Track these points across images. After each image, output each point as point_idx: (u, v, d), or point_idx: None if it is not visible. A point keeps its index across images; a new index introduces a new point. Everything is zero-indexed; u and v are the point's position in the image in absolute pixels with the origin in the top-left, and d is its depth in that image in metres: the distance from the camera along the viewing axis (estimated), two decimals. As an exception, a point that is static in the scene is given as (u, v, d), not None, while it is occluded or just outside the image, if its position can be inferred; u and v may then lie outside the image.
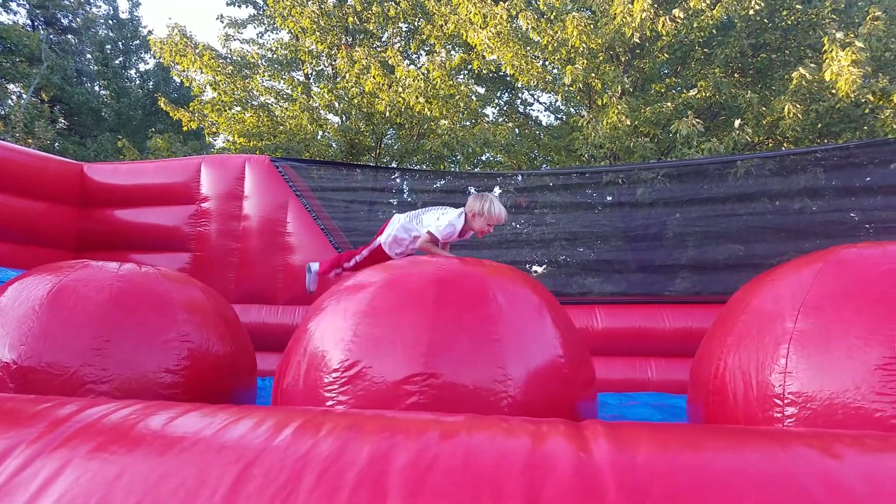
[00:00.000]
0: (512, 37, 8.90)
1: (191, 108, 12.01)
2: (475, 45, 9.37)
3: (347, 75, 10.24)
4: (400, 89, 9.54)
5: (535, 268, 7.67)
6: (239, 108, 11.70)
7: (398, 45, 12.05)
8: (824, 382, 2.33)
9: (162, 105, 11.97)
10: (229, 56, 12.98)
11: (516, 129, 11.95)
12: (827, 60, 7.45)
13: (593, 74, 8.72)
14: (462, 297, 2.85)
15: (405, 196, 7.23)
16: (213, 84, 11.62)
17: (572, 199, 6.76)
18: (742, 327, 2.78)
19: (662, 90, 9.68)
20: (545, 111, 12.54)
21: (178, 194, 6.11)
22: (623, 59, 9.11)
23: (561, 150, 10.43)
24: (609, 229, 6.78)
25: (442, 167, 11.38)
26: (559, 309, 3.30)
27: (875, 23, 7.70)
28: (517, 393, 2.74)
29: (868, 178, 5.97)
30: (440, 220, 3.52)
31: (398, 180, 7.50)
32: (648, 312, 5.50)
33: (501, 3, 9.18)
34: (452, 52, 11.31)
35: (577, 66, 8.29)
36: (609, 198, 7.04)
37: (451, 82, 9.67)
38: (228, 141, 12.22)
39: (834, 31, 7.58)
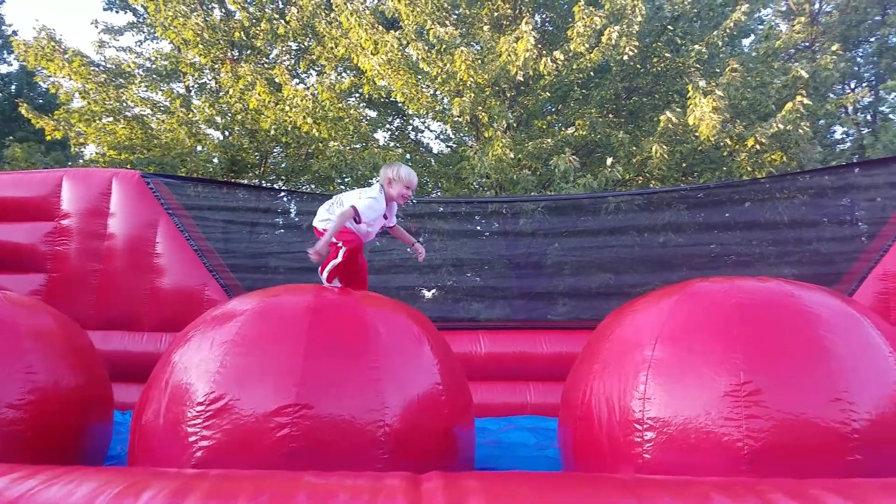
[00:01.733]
0: (403, 65, 9.02)
1: (56, 117, 11.10)
2: (366, 70, 9.41)
3: (231, 90, 9.90)
4: (287, 108, 9.35)
5: (423, 292, 7.68)
6: (110, 119, 10.95)
7: (287, 63, 11.84)
8: (679, 408, 2.48)
9: (23, 112, 10.98)
10: (103, 63, 12.18)
11: (407, 155, 12.06)
12: (691, 106, 8.14)
13: (480, 108, 9.01)
14: (339, 325, 2.82)
15: (293, 217, 7.02)
16: (83, 92, 10.82)
17: (460, 227, 6.87)
18: (607, 355, 2.92)
19: (544, 126, 10.17)
20: (436, 139, 12.75)
21: (35, 210, 5.59)
22: (508, 95, 9.49)
23: (451, 177, 10.63)
24: (494, 256, 6.94)
25: (332, 188, 11.21)
26: (438, 337, 3.31)
27: (733, 74, 8.53)
28: (394, 422, 2.70)
29: (726, 215, 6.51)
30: (362, 199, 3.49)
31: (285, 201, 7.28)
32: (528, 337, 5.66)
33: (392, 31, 9.30)
34: (343, 75, 11.27)
35: (464, 98, 8.52)
36: (496, 225, 7.22)
37: (340, 105, 9.62)
38: (97, 153, 11.39)
39: (697, 80, 8.32)
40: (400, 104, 10.13)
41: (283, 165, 11.49)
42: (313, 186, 11.50)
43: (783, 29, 20.22)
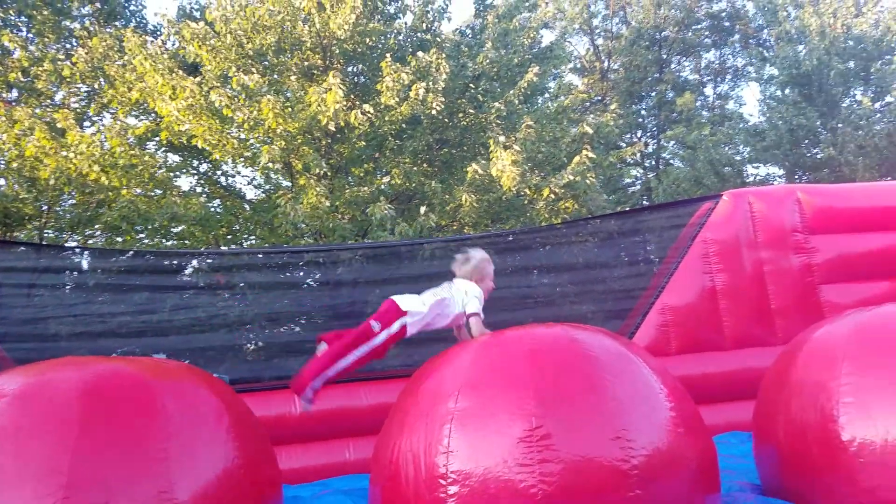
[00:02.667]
0: (205, 111, 8.65)
1: None
2: (164, 115, 8.87)
3: (6, 136, 8.77)
4: (72, 155, 8.47)
5: (231, 352, 7.20)
6: None
7: (76, 107, 10.78)
8: (480, 459, 2.53)
9: None
10: None
11: (216, 201, 11.47)
12: (493, 158, 8.74)
13: (293, 155, 8.89)
14: (119, 411, 2.50)
15: (86, 277, 6.23)
16: None
17: (274, 278, 6.58)
18: (414, 409, 2.93)
19: (362, 174, 10.30)
20: (248, 184, 12.28)
21: None
22: (323, 143, 9.48)
23: (265, 225, 10.27)
24: (312, 308, 6.75)
25: (129, 238, 10.24)
26: (238, 405, 3.09)
27: (528, 130, 9.33)
28: None
29: (530, 259, 6.95)
30: (474, 302, 3.48)
31: (72, 256, 6.49)
32: (347, 391, 5.50)
33: (192, 77, 8.90)
34: (140, 119, 10.51)
35: (274, 146, 8.36)
36: (316, 275, 7.04)
37: (133, 151, 8.93)
38: None
39: (498, 135, 8.98)
40: (204, 151, 9.67)
41: (69, 216, 10.32)
42: (104, 239, 10.45)
43: (577, 84, 22.74)
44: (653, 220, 6.59)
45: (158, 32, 11.70)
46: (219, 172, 12.02)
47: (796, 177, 15.32)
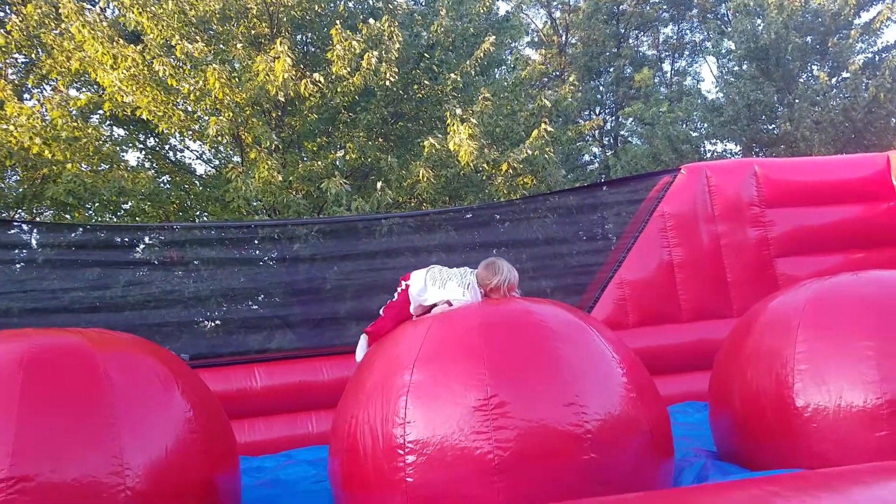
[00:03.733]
0: (149, 81, 8.31)
1: None
2: (106, 85, 8.48)
3: (-64, 109, 8.29)
4: (11, 128, 8.05)
5: (189, 328, 7.04)
6: None
7: (14, 78, 10.23)
8: (436, 428, 2.53)
9: None
10: None
11: (165, 177, 11.11)
12: (450, 133, 8.63)
13: (242, 128, 8.62)
14: (62, 378, 2.46)
15: (35, 253, 5.99)
16: None
17: (230, 254, 6.43)
18: (371, 382, 2.89)
19: (315, 149, 10.07)
20: (198, 159, 11.86)
21: None
22: (274, 115, 9.22)
23: (217, 201, 9.99)
24: (270, 283, 6.63)
25: (77, 215, 9.86)
26: (191, 378, 3.02)
27: (486, 103, 9.21)
28: (137, 483, 2.42)
29: (490, 235, 6.93)
30: (465, 296, 3.18)
31: (21, 232, 6.20)
32: (309, 366, 5.49)
33: (134, 46, 8.53)
34: (81, 91, 10.05)
35: (221, 118, 8.08)
36: (273, 252, 6.91)
37: (75, 123, 8.53)
38: None
39: (454, 107, 8.85)
40: (149, 122, 9.33)
41: (17, 191, 9.87)
42: (52, 214, 10.04)
43: (535, 58, 22.73)
44: (611, 196, 6.64)
45: (96, -1, 11.17)
46: (167, 147, 11.62)
47: (753, 152, 15.62)
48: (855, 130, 13.83)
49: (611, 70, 22.39)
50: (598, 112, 23.28)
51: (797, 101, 14.29)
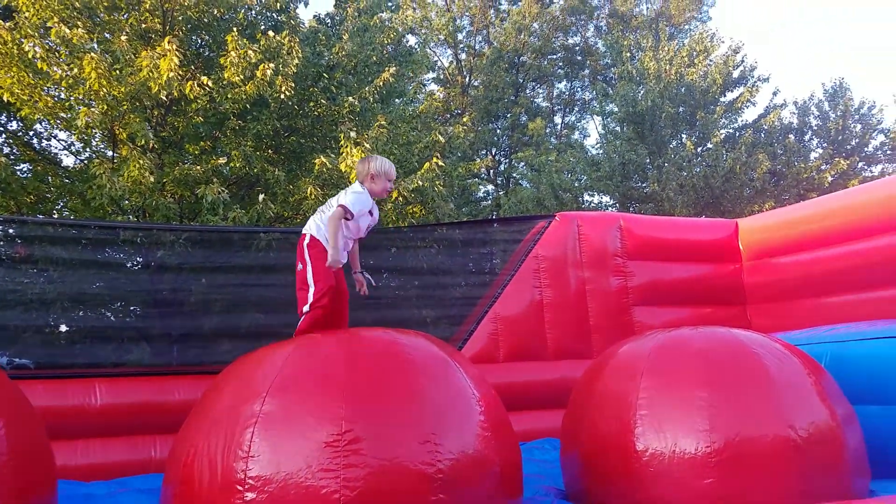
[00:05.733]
0: (17, 61, 7.58)
1: None
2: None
3: None
4: None
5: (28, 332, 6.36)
6: None
7: None
8: (282, 464, 2.38)
9: None
10: None
11: (25, 164, 10.09)
12: (343, 153, 8.54)
13: (117, 122, 8.04)
14: None
15: None
16: None
17: (84, 256, 5.89)
18: (217, 408, 2.71)
19: (197, 152, 9.58)
20: (64, 150, 10.85)
21: None
22: (155, 113, 8.69)
23: (79, 196, 9.19)
24: (128, 292, 6.15)
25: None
26: (4, 389, 2.70)
27: (381, 130, 9.23)
28: None
29: (377, 260, 6.87)
30: (348, 196, 3.33)
31: None
32: (158, 385, 5.08)
33: (3, 22, 7.77)
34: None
35: (93, 109, 7.50)
36: (137, 258, 6.42)
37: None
38: None
39: (349, 130, 8.78)
40: (11, 105, 8.48)
41: None
42: None
43: (440, 94, 23.22)
44: (494, 233, 6.82)
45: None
46: (31, 133, 10.59)
47: (626, 207, 16.69)
48: (713, 196, 15.19)
49: (508, 115, 23.35)
50: (493, 153, 24.12)
51: (666, 164, 15.51)
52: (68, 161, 10.92)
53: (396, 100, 10.95)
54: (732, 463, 2.80)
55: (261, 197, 8.10)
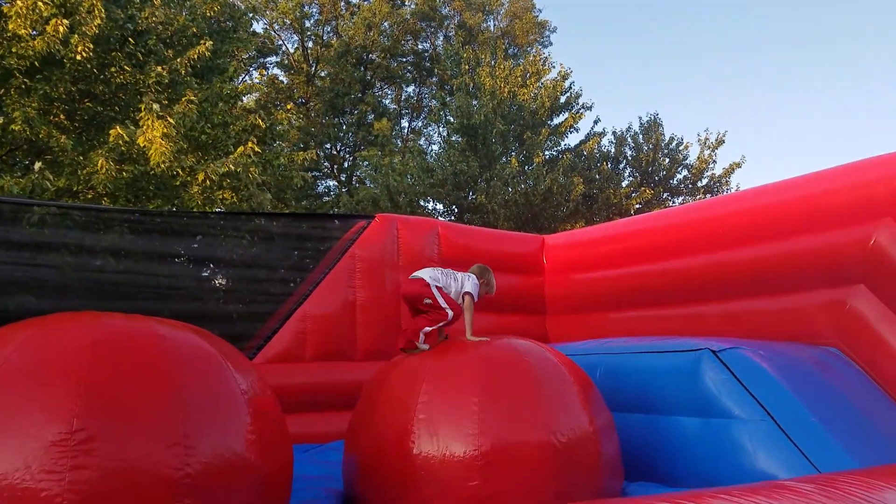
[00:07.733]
0: None
1: None
2: None
3: None
4: None
5: None
6: None
7: None
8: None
9: None
10: None
11: None
12: (144, 126, 7.72)
13: None
14: None
15: None
16: None
17: None
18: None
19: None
20: None
21: None
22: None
23: None
24: None
25: None
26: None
27: (190, 105, 8.45)
28: None
29: (178, 246, 6.32)
30: (471, 283, 3.95)
31: None
32: None
33: None
34: None
35: None
36: None
37: None
38: None
39: (152, 102, 7.94)
40: None
41: None
42: None
43: (283, 79, 22.27)
44: (311, 229, 6.60)
45: None
46: None
47: (457, 215, 17.13)
48: (533, 213, 16.12)
49: (355, 112, 23.01)
50: (338, 147, 23.62)
51: (494, 178, 16.19)
52: None
53: (216, 77, 10.15)
54: (496, 466, 2.88)
55: (37, 165, 7.07)
